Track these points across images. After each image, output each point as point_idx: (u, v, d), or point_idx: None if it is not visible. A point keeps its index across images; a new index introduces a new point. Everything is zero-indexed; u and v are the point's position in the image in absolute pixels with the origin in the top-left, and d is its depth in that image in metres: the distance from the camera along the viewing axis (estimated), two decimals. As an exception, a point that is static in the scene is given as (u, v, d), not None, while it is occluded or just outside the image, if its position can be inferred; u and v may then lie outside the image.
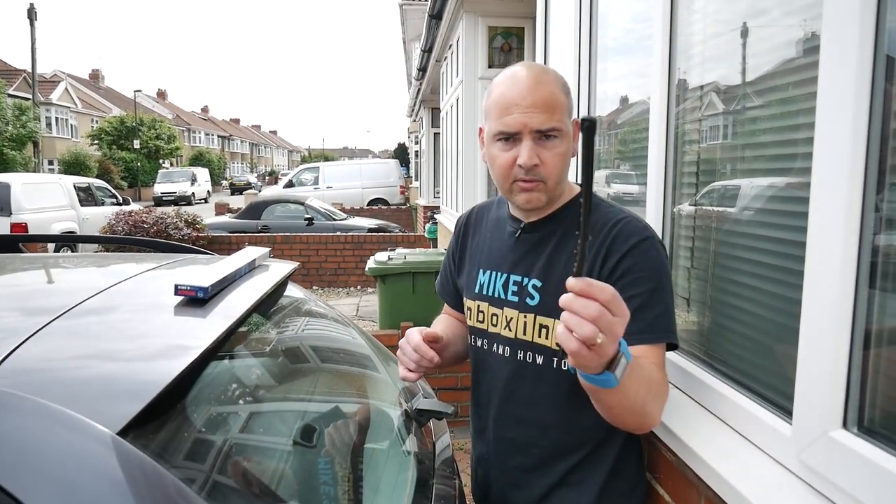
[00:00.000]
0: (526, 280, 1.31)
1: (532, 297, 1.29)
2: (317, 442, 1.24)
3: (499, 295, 1.35)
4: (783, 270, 1.22)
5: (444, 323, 1.56)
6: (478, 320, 1.40)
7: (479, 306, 1.40)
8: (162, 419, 0.89)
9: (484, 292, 1.39)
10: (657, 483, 1.46)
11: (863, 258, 0.94)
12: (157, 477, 0.81)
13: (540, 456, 1.33)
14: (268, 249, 1.49)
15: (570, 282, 0.85)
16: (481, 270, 1.41)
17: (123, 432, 0.81)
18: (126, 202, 13.62)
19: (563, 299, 0.86)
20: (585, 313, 0.85)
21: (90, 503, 0.75)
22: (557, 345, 1.06)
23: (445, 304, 1.60)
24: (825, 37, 0.99)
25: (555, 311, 1.23)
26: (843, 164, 0.94)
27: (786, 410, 1.14)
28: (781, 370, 1.18)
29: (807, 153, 1.04)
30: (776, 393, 1.21)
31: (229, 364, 1.20)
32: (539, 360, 1.30)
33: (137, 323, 1.10)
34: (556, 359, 1.28)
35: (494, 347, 1.37)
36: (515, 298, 1.32)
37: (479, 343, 1.41)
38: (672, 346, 1.23)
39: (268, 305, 1.51)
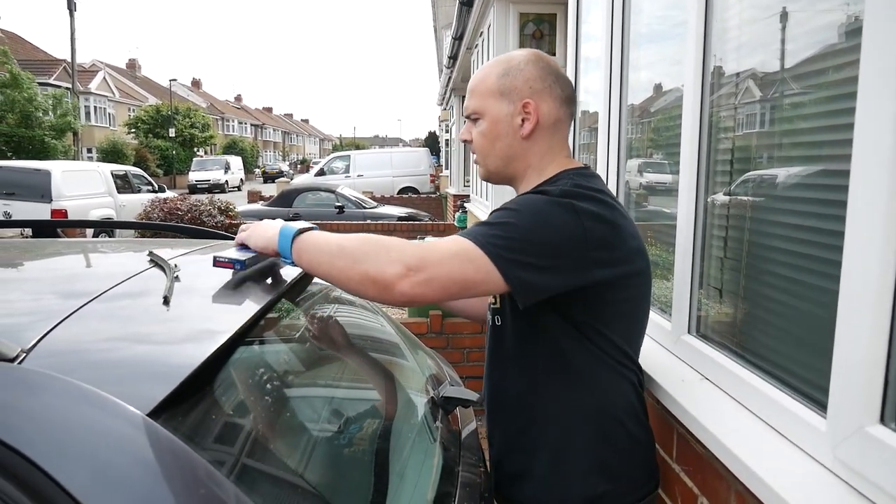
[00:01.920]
0: None
1: None
2: (344, 428, 1.25)
3: None
4: (819, 260, 1.18)
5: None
6: None
7: None
8: (192, 402, 0.91)
9: None
10: (686, 476, 1.44)
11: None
12: (186, 458, 0.83)
13: (501, 412, 1.41)
14: None
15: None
16: None
17: (154, 414, 0.82)
18: (161, 189, 13.85)
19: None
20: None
21: (121, 483, 0.77)
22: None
23: None
24: (868, 20, 0.96)
25: None
26: (884, 151, 0.91)
27: (820, 404, 1.11)
28: (816, 362, 1.15)
29: (845, 140, 1.01)
30: (810, 386, 1.18)
31: (258, 349, 1.21)
32: (490, 319, 1.43)
33: (169, 306, 1.11)
34: (497, 317, 1.39)
35: (493, 319, 1.47)
36: None
37: (490, 320, 1.52)
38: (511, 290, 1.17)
39: (297, 291, 1.52)
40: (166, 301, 1.09)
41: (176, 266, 1.26)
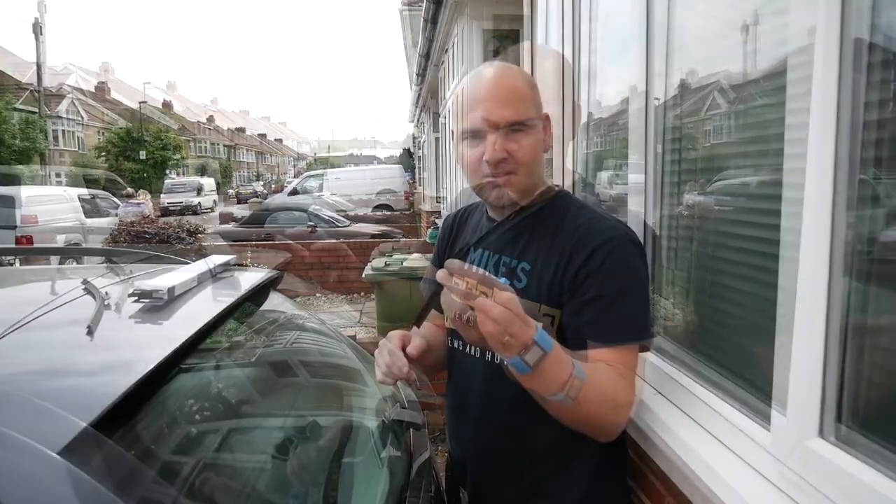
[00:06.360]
0: (515, 262, 1.28)
1: (520, 280, 1.26)
2: (282, 457, 1.20)
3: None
4: (766, 271, 1.18)
5: (427, 329, 1.47)
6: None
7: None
8: (109, 438, 0.86)
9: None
10: (640, 492, 1.42)
11: (835, 261, 0.91)
12: (102, 500, 0.79)
13: (513, 462, 1.29)
14: (232, 256, 1.46)
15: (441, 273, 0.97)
16: (472, 249, 1.36)
17: (66, 452, 0.78)
18: (131, 196, 13.48)
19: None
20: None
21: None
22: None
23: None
24: (819, 34, 0.96)
25: (543, 297, 1.22)
26: (812, 161, 0.91)
27: (766, 418, 1.10)
28: (761, 375, 1.14)
29: (779, 150, 1.01)
30: (757, 400, 1.17)
31: (193, 377, 1.17)
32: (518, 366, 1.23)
33: (94, 336, 1.06)
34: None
35: (468, 348, 1.33)
36: (504, 280, 1.25)
37: (455, 344, 1.38)
38: (645, 348, 1.22)
39: (242, 315, 1.48)
40: (90, 331, 1.04)
41: (107, 294, 1.21)
